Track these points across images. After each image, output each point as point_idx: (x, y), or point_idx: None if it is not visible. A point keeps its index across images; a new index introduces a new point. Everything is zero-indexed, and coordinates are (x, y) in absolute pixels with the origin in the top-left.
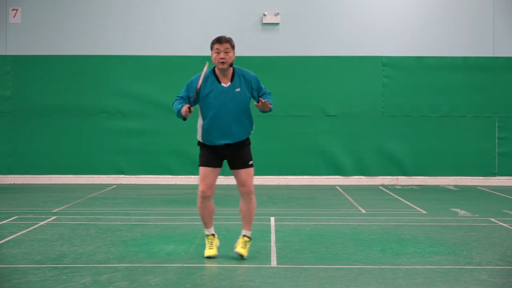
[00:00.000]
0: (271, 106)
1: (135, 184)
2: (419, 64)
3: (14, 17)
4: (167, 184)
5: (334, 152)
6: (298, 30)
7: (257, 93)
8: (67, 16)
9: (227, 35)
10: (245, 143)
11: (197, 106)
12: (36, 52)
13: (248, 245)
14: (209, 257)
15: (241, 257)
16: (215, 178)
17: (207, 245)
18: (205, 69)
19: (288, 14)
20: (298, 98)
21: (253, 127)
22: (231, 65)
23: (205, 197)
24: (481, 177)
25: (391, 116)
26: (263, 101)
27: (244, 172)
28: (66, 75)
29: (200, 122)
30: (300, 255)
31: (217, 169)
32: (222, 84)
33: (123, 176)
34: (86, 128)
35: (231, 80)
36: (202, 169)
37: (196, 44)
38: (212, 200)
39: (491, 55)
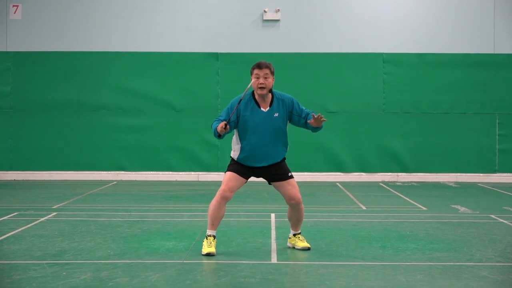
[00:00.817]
0: (325, 119)
1: (135, 181)
2: (419, 61)
3: (14, 13)
4: (167, 181)
5: (334, 148)
6: (299, 26)
7: (297, 116)
8: (68, 13)
9: (228, 31)
10: (280, 162)
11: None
12: (36, 49)
13: (303, 238)
14: (208, 255)
15: (308, 249)
16: (239, 186)
17: (206, 244)
18: (245, 92)
19: (289, 11)
20: (298, 94)
21: (287, 149)
22: (270, 90)
23: (224, 197)
24: (481, 174)
25: (392, 113)
26: (315, 116)
27: (287, 185)
28: (66, 72)
29: (236, 143)
30: (300, 251)
31: (243, 180)
32: (262, 109)
33: (123, 172)
34: (86, 124)
35: (270, 105)
36: (228, 173)
37: (196, 40)
38: (225, 206)
39: (491, 52)
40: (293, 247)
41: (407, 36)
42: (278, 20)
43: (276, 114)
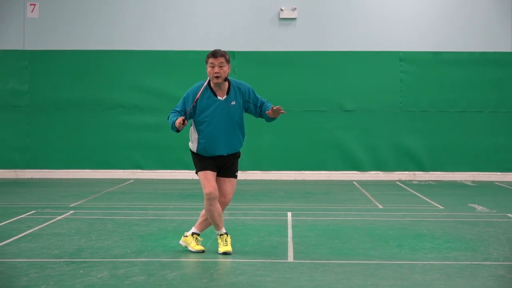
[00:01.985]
0: (283, 112)
1: (152, 179)
2: (436, 59)
3: (32, 12)
4: (183, 179)
5: (351, 147)
6: (315, 25)
7: (253, 104)
8: (84, 11)
9: (244, 30)
10: (237, 155)
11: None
12: (53, 47)
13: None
14: (225, 253)
15: (202, 252)
16: (215, 180)
17: (222, 243)
18: (204, 84)
19: (305, 9)
20: (315, 93)
21: (244, 138)
22: (226, 79)
23: (213, 198)
24: (498, 173)
25: (408, 111)
26: (275, 108)
27: (228, 182)
28: (83, 70)
29: (194, 134)
30: (316, 250)
31: (215, 173)
32: (218, 98)
33: (140, 170)
34: (103, 122)
35: (227, 93)
36: (202, 173)
37: (212, 39)
38: (217, 203)
39: (509, 50)
40: (186, 247)
41: (424, 34)
42: (294, 19)
43: (233, 103)
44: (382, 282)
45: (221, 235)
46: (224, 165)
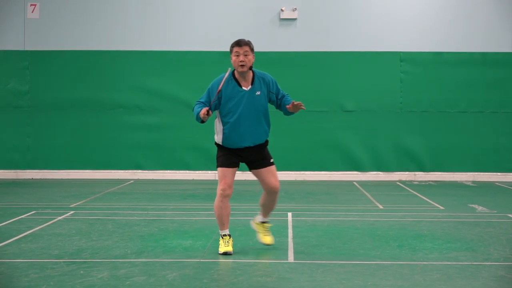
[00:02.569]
0: (304, 108)
1: (152, 179)
2: (437, 59)
3: (32, 12)
4: (184, 179)
5: (351, 147)
6: (316, 25)
7: (275, 96)
8: (85, 11)
9: (245, 30)
10: (264, 145)
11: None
12: (54, 47)
13: (269, 229)
14: (225, 253)
15: (268, 245)
16: (234, 177)
17: (223, 244)
18: (226, 74)
19: (306, 10)
20: (315, 93)
21: (270, 128)
22: (250, 68)
23: (225, 196)
24: (499, 173)
25: (409, 112)
26: (295, 103)
27: (267, 172)
28: (84, 70)
29: (219, 125)
30: (317, 250)
31: (235, 169)
32: (243, 88)
33: (140, 171)
34: (103, 123)
35: (252, 83)
36: (221, 169)
37: (213, 39)
38: (229, 201)
39: (509, 50)
40: (256, 232)
41: (425, 34)
42: (295, 19)
43: (258, 93)
44: (383, 282)
45: (223, 235)
46: (254, 157)
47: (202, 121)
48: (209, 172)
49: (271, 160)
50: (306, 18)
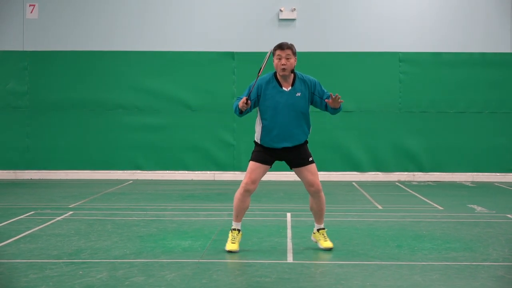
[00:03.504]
0: (342, 101)
1: (151, 180)
2: (436, 60)
3: (31, 12)
4: (183, 180)
5: (350, 148)
6: (315, 26)
7: (318, 97)
8: (84, 12)
9: (244, 31)
10: (303, 144)
11: (257, 108)
12: (53, 48)
13: (326, 235)
14: (230, 252)
15: (330, 249)
16: (262, 174)
17: (230, 239)
18: (267, 56)
19: (305, 10)
20: None
21: (310, 130)
22: (292, 71)
23: (247, 190)
24: (498, 174)
25: (408, 112)
26: (333, 96)
27: (307, 171)
28: (83, 71)
29: (259, 124)
30: (316, 251)
31: (267, 167)
32: (284, 88)
33: (139, 171)
34: (102, 123)
35: (292, 85)
36: (252, 163)
37: (212, 39)
38: (250, 197)
39: (508, 51)
40: (316, 243)
41: (424, 35)
42: (294, 19)
43: (298, 94)
44: (382, 282)
45: (234, 229)
46: (293, 156)
47: (241, 112)
48: (208, 172)
49: (310, 159)
50: (305, 19)
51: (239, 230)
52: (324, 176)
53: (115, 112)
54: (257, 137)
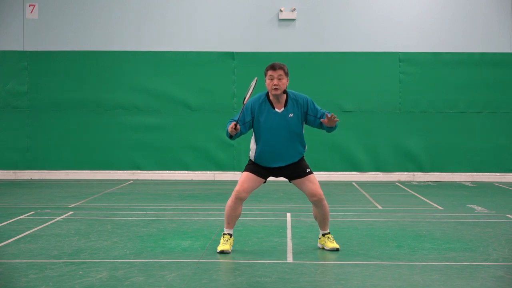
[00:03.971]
0: (338, 120)
1: (151, 180)
2: (436, 60)
3: (31, 12)
4: (183, 180)
5: (350, 148)
6: (315, 26)
7: (313, 116)
8: (84, 12)
9: (244, 31)
10: (297, 161)
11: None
12: (53, 48)
13: (332, 238)
14: (222, 252)
15: (337, 250)
16: (255, 186)
17: (222, 242)
18: (253, 84)
19: (305, 10)
20: (314, 94)
21: (306, 149)
22: (284, 91)
23: (238, 198)
24: (498, 174)
25: (408, 112)
26: (329, 116)
27: (306, 182)
28: (82, 71)
29: (253, 144)
30: (316, 251)
31: (261, 180)
32: (276, 110)
33: (139, 171)
34: (102, 123)
35: (285, 106)
36: (246, 173)
37: (212, 39)
38: (242, 205)
39: (508, 51)
40: (323, 248)
41: (423, 35)
42: (294, 20)
43: (291, 115)
44: (382, 283)
45: (225, 234)
46: (289, 171)
47: (231, 136)
48: (208, 172)
49: (308, 170)
50: (305, 19)
51: (230, 235)
52: (324, 176)
53: (115, 112)
54: (251, 155)
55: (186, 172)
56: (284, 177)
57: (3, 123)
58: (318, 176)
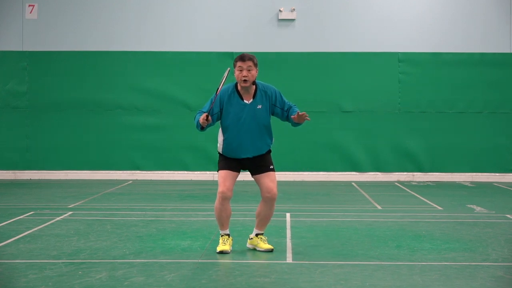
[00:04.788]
0: (308, 119)
1: (150, 180)
2: (435, 60)
3: (30, 13)
4: (182, 180)
5: (350, 148)
6: (314, 26)
7: (280, 109)
8: (83, 12)
9: (243, 31)
10: (264, 153)
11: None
12: (52, 48)
13: (265, 239)
14: (221, 252)
15: (271, 251)
16: (234, 181)
17: (221, 243)
18: (225, 74)
19: (304, 10)
20: (314, 94)
21: (273, 141)
22: (253, 82)
23: (225, 198)
24: (497, 174)
25: (407, 112)
26: (300, 113)
27: (266, 178)
28: (82, 71)
29: (221, 136)
30: (315, 251)
31: (236, 174)
32: (245, 101)
33: (139, 171)
34: (102, 123)
35: (254, 97)
36: (222, 172)
37: (211, 39)
38: (229, 204)
39: (508, 51)
40: (254, 249)
41: (423, 35)
42: (293, 20)
43: (259, 106)
44: (381, 283)
45: (223, 235)
46: (254, 165)
47: (202, 128)
48: (208, 172)
49: (271, 167)
50: (304, 19)
51: (228, 235)
52: (323, 176)
53: (114, 112)
54: (219, 148)
55: (186, 172)
56: (250, 170)
57: (2, 123)
58: (318, 176)
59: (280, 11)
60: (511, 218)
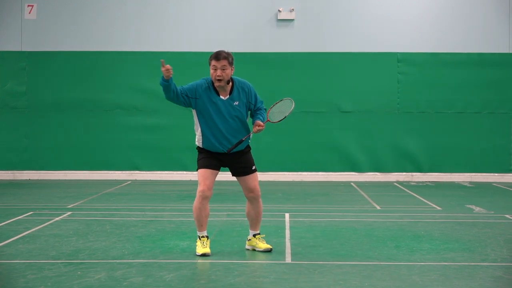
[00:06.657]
0: (260, 131)
1: (150, 180)
2: (434, 60)
3: (29, 13)
4: (181, 180)
5: (349, 148)
6: (313, 26)
7: (253, 105)
8: (82, 12)
9: (242, 31)
10: (245, 151)
11: (193, 112)
12: (51, 48)
13: (263, 238)
14: (203, 255)
15: (270, 250)
16: (214, 179)
17: (201, 245)
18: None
19: (303, 10)
20: (313, 94)
21: (251, 136)
22: (228, 81)
23: (204, 198)
24: (496, 174)
25: (406, 113)
26: (257, 127)
27: (249, 179)
28: (81, 71)
29: (198, 129)
30: (314, 251)
31: (216, 172)
32: (221, 97)
33: (138, 172)
34: (101, 124)
35: (230, 93)
36: (201, 171)
37: (210, 40)
38: (208, 204)
39: (506, 51)
40: (253, 250)
41: (422, 35)
42: (292, 20)
43: (236, 103)
44: (380, 283)
45: (201, 237)
46: (235, 164)
47: (167, 86)
48: None
49: (254, 168)
50: (303, 19)
51: (207, 237)
52: (322, 176)
53: (113, 113)
54: (198, 143)
55: (185, 172)
56: (231, 168)
57: (1, 123)
58: (317, 176)
59: (279, 11)
60: (510, 218)
